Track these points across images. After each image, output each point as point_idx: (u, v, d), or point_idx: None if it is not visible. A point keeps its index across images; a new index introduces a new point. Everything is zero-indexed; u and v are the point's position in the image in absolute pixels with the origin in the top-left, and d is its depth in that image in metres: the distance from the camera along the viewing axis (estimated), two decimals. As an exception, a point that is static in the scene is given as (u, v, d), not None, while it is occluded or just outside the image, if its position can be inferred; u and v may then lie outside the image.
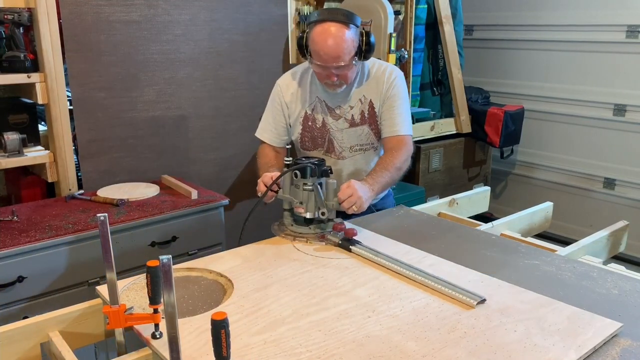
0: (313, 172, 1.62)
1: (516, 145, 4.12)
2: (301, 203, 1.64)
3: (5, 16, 2.08)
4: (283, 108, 1.95)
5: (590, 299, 1.30)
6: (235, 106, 2.81)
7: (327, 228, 1.67)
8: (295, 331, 1.16)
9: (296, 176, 1.63)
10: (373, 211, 1.90)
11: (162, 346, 1.09)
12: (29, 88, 2.16)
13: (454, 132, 3.83)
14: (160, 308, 1.09)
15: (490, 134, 3.88)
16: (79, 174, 2.34)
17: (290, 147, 2.03)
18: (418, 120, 3.55)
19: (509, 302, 1.26)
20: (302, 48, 1.78)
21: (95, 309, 1.31)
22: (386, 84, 1.87)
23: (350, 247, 1.56)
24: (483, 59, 4.34)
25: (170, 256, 0.89)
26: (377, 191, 1.75)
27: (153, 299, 1.11)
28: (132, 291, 1.35)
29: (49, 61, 2.12)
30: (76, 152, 2.31)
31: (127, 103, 2.46)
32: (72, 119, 2.29)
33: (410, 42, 3.34)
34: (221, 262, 1.50)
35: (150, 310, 1.13)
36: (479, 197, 2.27)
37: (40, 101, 2.13)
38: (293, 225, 1.70)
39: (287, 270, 1.45)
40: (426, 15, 3.62)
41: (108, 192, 2.28)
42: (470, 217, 2.07)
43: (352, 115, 1.91)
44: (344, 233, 1.60)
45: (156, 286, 1.09)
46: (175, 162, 2.65)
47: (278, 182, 1.66)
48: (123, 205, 2.13)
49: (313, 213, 1.63)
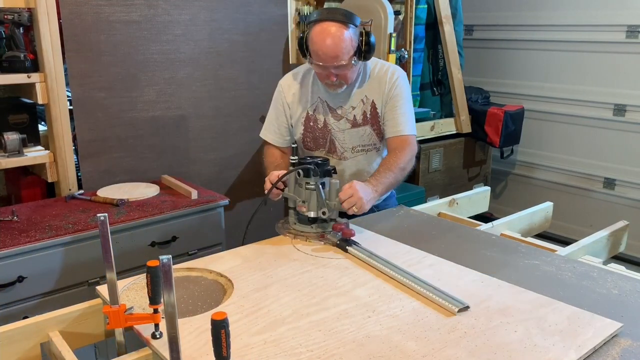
0: (316, 172, 1.63)
1: (516, 145, 4.12)
2: (304, 202, 1.65)
3: (5, 16, 2.08)
4: (285, 108, 1.95)
5: (590, 299, 1.30)
6: (235, 106, 2.81)
7: (328, 228, 1.67)
8: (295, 331, 1.16)
9: (300, 175, 1.64)
10: (375, 212, 1.90)
11: (162, 346, 1.09)
12: (29, 88, 2.16)
13: (454, 132, 3.82)
14: (160, 308, 1.09)
15: (490, 134, 3.87)
16: (79, 174, 2.34)
17: (295, 146, 2.03)
18: (418, 120, 3.51)
19: (509, 302, 1.26)
20: (302, 48, 1.78)
21: (95, 309, 1.31)
22: (388, 84, 1.86)
23: (346, 248, 1.55)
24: (483, 59, 4.33)
25: (170, 256, 0.89)
26: (381, 192, 1.74)
27: (153, 299, 1.11)
28: (132, 291, 1.35)
29: (49, 61, 2.12)
30: (76, 152, 2.31)
31: (127, 103, 2.46)
32: (72, 119, 2.28)
33: (410, 42, 3.34)
34: (221, 262, 1.50)
35: (150, 310, 1.13)
36: (479, 197, 2.27)
37: (40, 101, 2.13)
38: (296, 223, 1.71)
39: (287, 270, 1.45)
40: (426, 15, 3.61)
41: (108, 192, 2.28)
42: (470, 217, 2.07)
43: (354, 115, 1.90)
44: (342, 233, 1.60)
45: (156, 286, 1.09)
46: (175, 162, 2.65)
47: (284, 180, 1.67)
48: (123, 205, 2.13)
49: (315, 212, 1.64)
